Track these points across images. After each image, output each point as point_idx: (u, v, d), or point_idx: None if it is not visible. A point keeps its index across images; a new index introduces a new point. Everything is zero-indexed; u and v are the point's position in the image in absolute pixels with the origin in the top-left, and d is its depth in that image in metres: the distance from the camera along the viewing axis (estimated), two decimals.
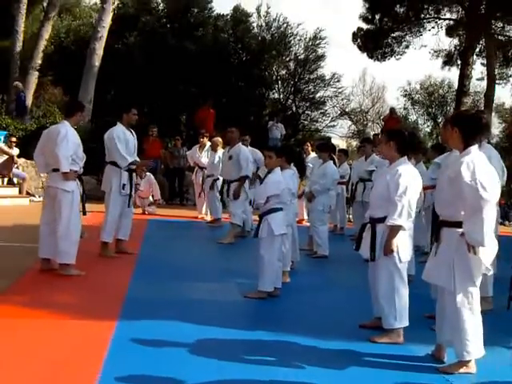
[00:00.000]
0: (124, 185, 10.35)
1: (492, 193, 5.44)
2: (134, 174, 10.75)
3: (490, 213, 5.42)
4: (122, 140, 10.36)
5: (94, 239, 10.28)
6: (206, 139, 16.96)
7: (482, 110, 20.35)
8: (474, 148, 5.69)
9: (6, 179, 19.14)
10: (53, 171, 8.95)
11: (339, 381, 5.42)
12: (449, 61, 35.34)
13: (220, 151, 15.22)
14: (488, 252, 5.55)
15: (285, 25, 31.17)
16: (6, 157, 19.19)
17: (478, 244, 5.39)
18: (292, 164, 9.24)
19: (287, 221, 8.64)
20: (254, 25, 30.95)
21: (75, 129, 9.23)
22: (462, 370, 5.67)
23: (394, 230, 6.44)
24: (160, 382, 5.11)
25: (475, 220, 5.38)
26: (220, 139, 15.82)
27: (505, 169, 8.63)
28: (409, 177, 6.50)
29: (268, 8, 31.24)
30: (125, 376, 5.14)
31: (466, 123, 5.76)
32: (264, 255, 8.18)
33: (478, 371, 5.68)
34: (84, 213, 9.23)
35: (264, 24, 31.07)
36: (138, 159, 10.75)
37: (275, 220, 8.16)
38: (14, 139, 19.85)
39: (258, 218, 8.50)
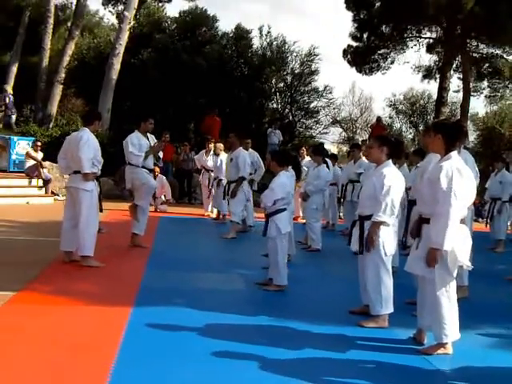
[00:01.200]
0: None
1: (463, 200, 5.50)
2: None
3: (456, 218, 5.45)
4: (136, 144, 10.53)
5: (112, 234, 10.27)
6: (211, 144, 16.96)
7: (460, 119, 20.44)
8: (454, 153, 5.71)
9: (39, 180, 19.07)
10: (74, 173, 8.95)
11: (330, 360, 5.42)
12: (429, 75, 35.31)
13: (223, 155, 15.39)
14: (463, 250, 5.58)
15: (282, 42, 31.23)
16: (33, 161, 19.19)
17: (438, 245, 5.44)
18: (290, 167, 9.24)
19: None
20: (256, 42, 31.03)
21: (95, 135, 9.26)
22: (440, 352, 5.69)
23: (376, 225, 6.47)
24: (172, 363, 5.11)
25: (441, 224, 5.44)
26: (222, 145, 15.97)
27: (478, 172, 8.64)
28: (392, 178, 6.51)
29: (269, 28, 31.32)
30: (139, 358, 5.15)
31: (448, 130, 5.77)
32: (275, 253, 8.13)
33: (454, 352, 5.71)
34: (101, 210, 9.24)
35: (265, 42, 31.12)
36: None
37: (281, 220, 8.11)
38: (38, 143, 19.86)
39: (263, 216, 8.48)
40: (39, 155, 19.42)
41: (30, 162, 19.17)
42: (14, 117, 24.81)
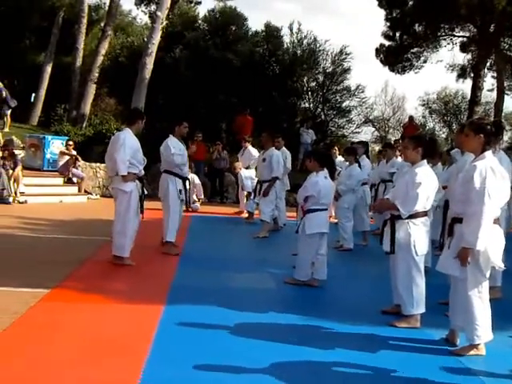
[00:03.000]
0: (180, 190, 10.26)
1: (496, 200, 5.44)
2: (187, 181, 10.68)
3: (489, 218, 5.41)
4: (177, 148, 10.24)
5: (143, 233, 10.25)
6: (248, 143, 16.99)
7: (499, 118, 20.18)
8: (489, 153, 5.66)
9: (73, 178, 19.26)
10: (116, 174, 8.83)
11: (362, 361, 5.41)
12: (462, 74, 34.92)
13: (243, 171, 16.59)
14: (496, 250, 5.54)
15: (314, 41, 31.11)
16: (66, 159, 19.40)
17: (471, 245, 5.41)
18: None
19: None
20: (287, 40, 30.94)
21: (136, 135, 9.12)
22: (472, 353, 5.66)
23: (393, 206, 6.57)
24: (203, 360, 5.14)
25: (474, 223, 5.41)
26: (241, 164, 16.72)
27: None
28: (424, 176, 6.51)
29: (299, 25, 31.23)
30: (171, 355, 5.20)
31: (489, 130, 5.70)
32: (299, 250, 8.27)
33: (486, 354, 5.67)
34: (142, 211, 9.14)
35: (296, 40, 31.01)
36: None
37: (310, 220, 8.17)
38: (70, 143, 20.07)
39: (295, 215, 8.50)
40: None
41: (63, 161, 19.39)
42: (8, 112, 24.33)
